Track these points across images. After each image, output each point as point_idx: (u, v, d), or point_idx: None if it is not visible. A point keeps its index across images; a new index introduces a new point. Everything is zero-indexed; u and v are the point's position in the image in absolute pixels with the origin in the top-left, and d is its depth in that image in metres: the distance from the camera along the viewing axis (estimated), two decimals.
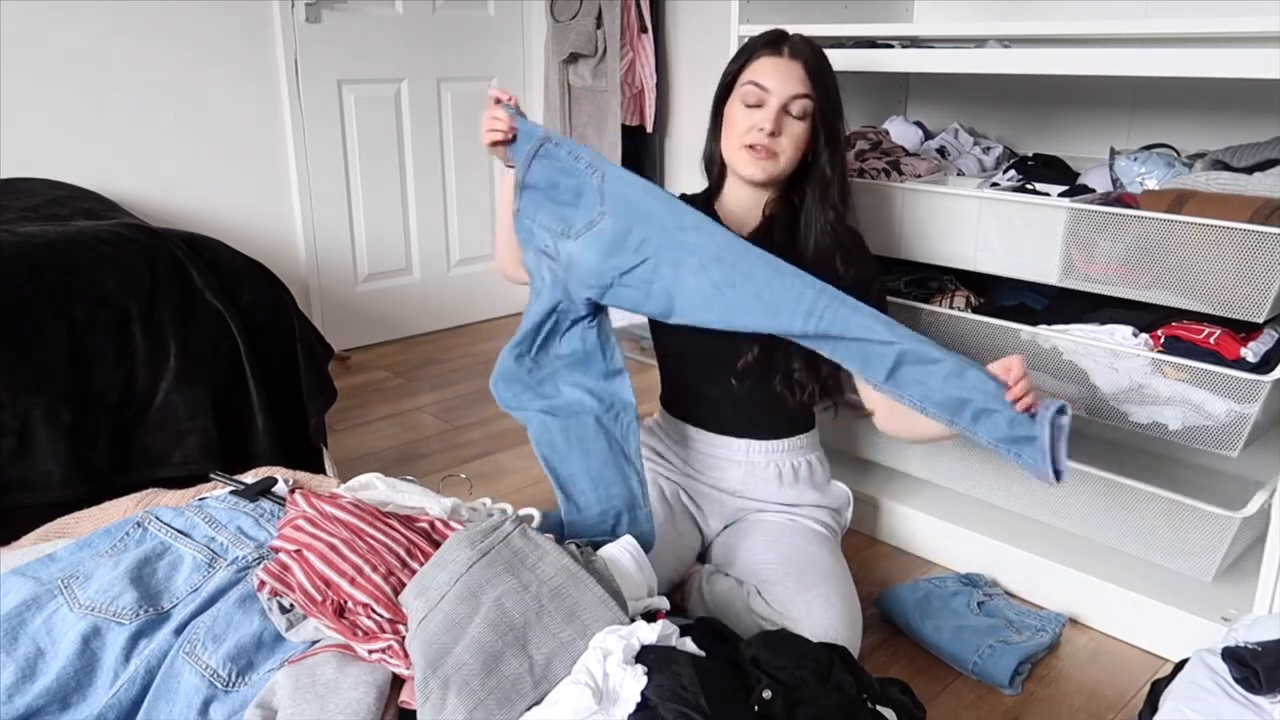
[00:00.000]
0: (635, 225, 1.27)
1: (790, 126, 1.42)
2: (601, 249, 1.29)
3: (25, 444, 1.49)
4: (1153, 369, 1.46)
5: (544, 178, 1.32)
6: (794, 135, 1.43)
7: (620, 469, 1.36)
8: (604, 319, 1.41)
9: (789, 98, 1.40)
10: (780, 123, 1.41)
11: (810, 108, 1.41)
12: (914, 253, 1.72)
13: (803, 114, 1.41)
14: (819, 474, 1.62)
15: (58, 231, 1.64)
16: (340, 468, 1.83)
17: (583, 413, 1.37)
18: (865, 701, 1.00)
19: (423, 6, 3.05)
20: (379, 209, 3.11)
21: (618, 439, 1.38)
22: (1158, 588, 1.57)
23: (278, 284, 1.78)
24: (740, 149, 1.44)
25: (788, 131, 1.42)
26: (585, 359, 1.40)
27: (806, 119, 1.42)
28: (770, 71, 1.42)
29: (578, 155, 1.31)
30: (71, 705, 1.03)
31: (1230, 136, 1.69)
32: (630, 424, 1.39)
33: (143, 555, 1.16)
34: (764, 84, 1.41)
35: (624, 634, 0.94)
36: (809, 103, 1.41)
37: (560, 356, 1.40)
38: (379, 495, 1.29)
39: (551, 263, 1.35)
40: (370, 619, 1.03)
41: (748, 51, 1.46)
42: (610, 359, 1.40)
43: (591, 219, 1.29)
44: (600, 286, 1.32)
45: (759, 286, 1.22)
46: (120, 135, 2.55)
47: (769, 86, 1.41)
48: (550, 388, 1.40)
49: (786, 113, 1.41)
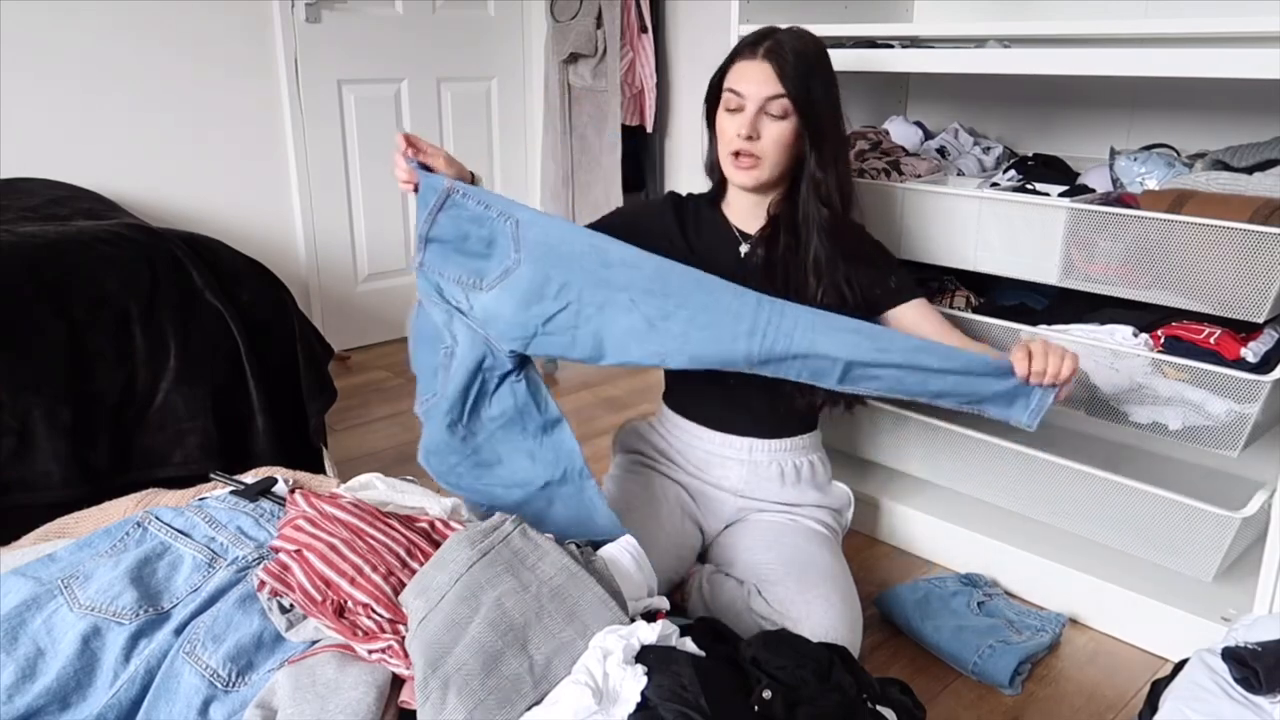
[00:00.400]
0: (554, 270, 1.23)
1: (770, 128, 1.40)
2: (519, 298, 1.25)
3: (25, 444, 1.49)
4: (1153, 369, 1.46)
5: (452, 230, 1.26)
6: (775, 137, 1.40)
7: (586, 526, 1.33)
8: (530, 370, 1.35)
9: (764, 100, 1.38)
10: (758, 125, 1.39)
11: (788, 107, 1.39)
12: (914, 253, 1.72)
13: (783, 113, 1.39)
14: (820, 474, 1.62)
15: (58, 231, 1.64)
16: (340, 468, 1.83)
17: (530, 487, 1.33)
18: (865, 701, 1.00)
19: (423, 6, 3.05)
20: (379, 209, 3.11)
21: (574, 497, 1.35)
22: (1158, 588, 1.57)
23: (278, 284, 1.78)
24: (727, 156, 1.44)
25: (768, 133, 1.40)
26: (519, 415, 1.34)
27: (789, 118, 1.40)
28: (744, 75, 1.40)
29: (488, 204, 1.25)
30: (71, 705, 1.03)
31: (1230, 136, 1.69)
32: (581, 472, 1.34)
33: (143, 555, 1.16)
34: (739, 89, 1.40)
35: (624, 634, 0.94)
36: (786, 102, 1.38)
37: (493, 419, 1.35)
38: (379, 495, 1.29)
39: (464, 319, 1.30)
40: (370, 619, 1.03)
41: (730, 56, 1.45)
42: (545, 410, 1.35)
43: (506, 268, 1.24)
44: (524, 338, 1.27)
45: (694, 312, 1.20)
46: (120, 135, 2.55)
47: (744, 91, 1.40)
48: (489, 453, 1.35)
49: (767, 114, 1.39)
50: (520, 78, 3.36)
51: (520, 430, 1.36)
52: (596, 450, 2.36)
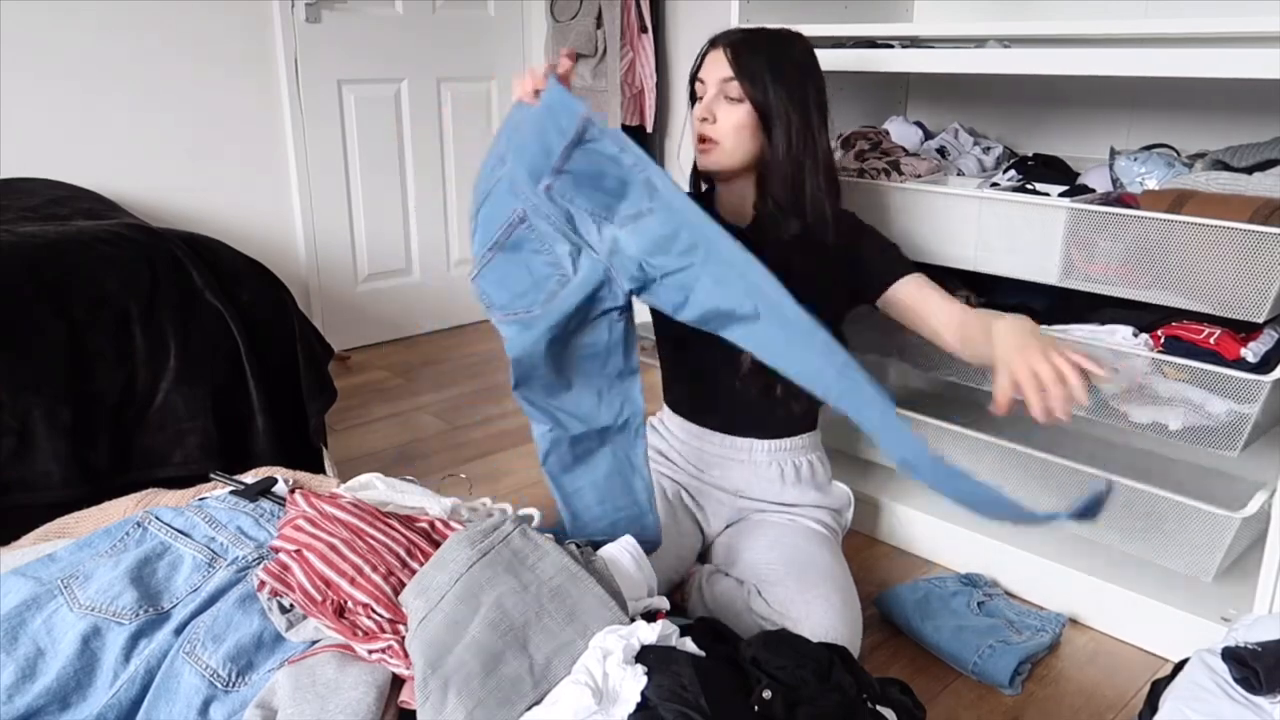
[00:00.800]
0: (684, 230, 1.20)
1: (725, 110, 1.43)
2: (646, 244, 1.21)
3: (25, 444, 1.49)
4: (1153, 369, 1.46)
5: (586, 165, 1.21)
6: (732, 120, 1.42)
7: (627, 482, 1.34)
8: (631, 315, 1.33)
9: (719, 83, 1.43)
10: (713, 109, 1.43)
11: (740, 91, 1.41)
12: (914, 253, 1.72)
13: (739, 97, 1.42)
14: (820, 474, 1.62)
15: (58, 231, 1.64)
16: (340, 468, 1.83)
17: (590, 425, 1.34)
18: (865, 701, 1.00)
19: (423, 6, 3.05)
20: (379, 209, 3.11)
21: (624, 450, 1.35)
22: (1158, 588, 1.57)
23: (278, 284, 1.78)
24: (695, 145, 1.48)
25: (723, 116, 1.43)
26: (605, 352, 1.33)
27: (744, 102, 1.42)
28: (706, 65, 1.46)
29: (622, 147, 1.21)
30: (71, 705, 1.03)
31: (1230, 136, 1.69)
32: (638, 429, 1.35)
33: (143, 555, 1.16)
34: (702, 77, 1.46)
35: (624, 634, 0.94)
36: (735, 85, 1.41)
37: (582, 345, 1.33)
38: (379, 495, 1.29)
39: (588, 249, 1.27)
40: (370, 619, 1.03)
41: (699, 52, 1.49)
42: (629, 358, 1.35)
43: (639, 210, 1.21)
44: (643, 280, 1.24)
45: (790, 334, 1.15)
46: (120, 135, 2.55)
47: (704, 77, 1.45)
48: (564, 376, 1.34)
49: (725, 97, 1.43)
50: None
51: (600, 367, 1.35)
52: None
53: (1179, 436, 1.47)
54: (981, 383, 1.69)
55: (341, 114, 2.95)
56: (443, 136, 3.21)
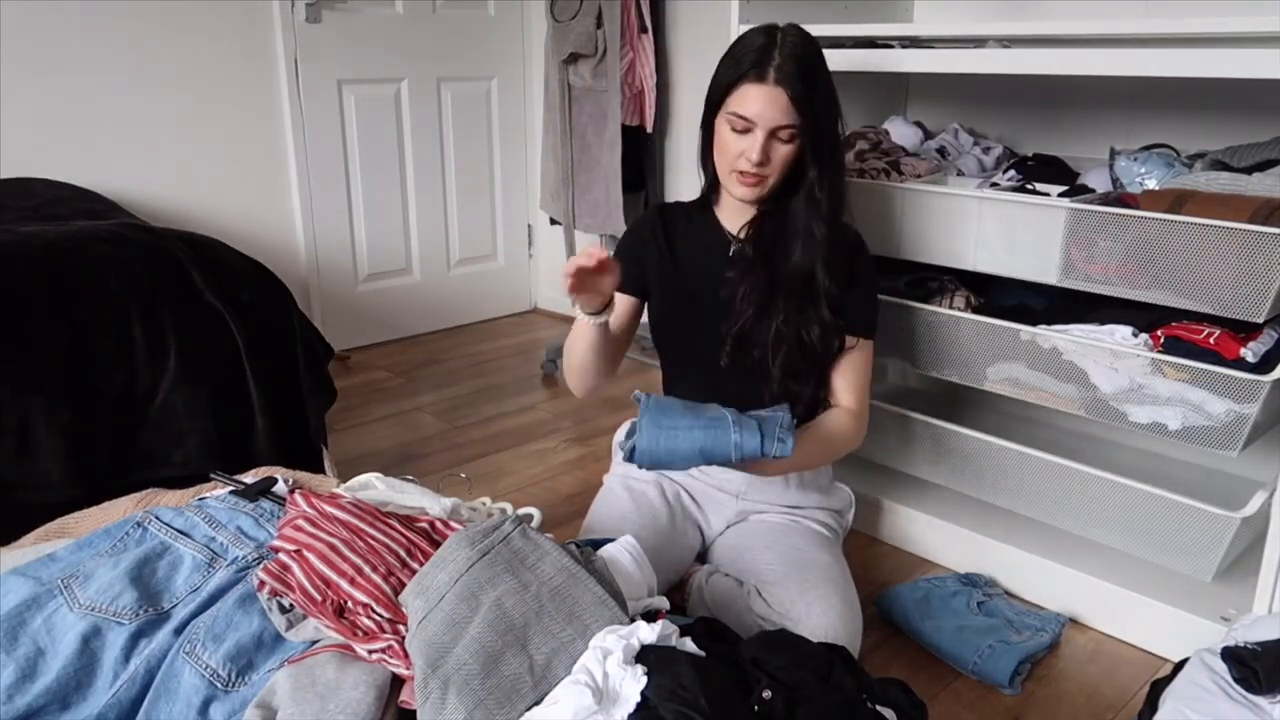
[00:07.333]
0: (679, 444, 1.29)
1: (777, 151, 1.39)
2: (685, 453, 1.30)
3: (25, 444, 1.49)
4: (1153, 369, 1.46)
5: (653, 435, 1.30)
6: (781, 157, 1.40)
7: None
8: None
9: (774, 128, 1.37)
10: (768, 151, 1.39)
11: (797, 132, 1.38)
12: (914, 253, 1.72)
13: (790, 139, 1.39)
14: (822, 476, 1.62)
15: (58, 231, 1.64)
16: (340, 468, 1.83)
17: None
18: (865, 701, 1.00)
19: (423, 6, 3.05)
20: (379, 209, 3.11)
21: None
22: (1158, 588, 1.57)
23: (278, 284, 1.78)
24: (730, 173, 1.43)
25: (775, 156, 1.40)
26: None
27: (794, 142, 1.40)
28: (754, 101, 1.36)
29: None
30: (71, 705, 1.03)
31: (1230, 136, 1.69)
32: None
33: (143, 555, 1.16)
34: (748, 115, 1.37)
35: (624, 634, 0.94)
36: (795, 130, 1.38)
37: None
38: (379, 495, 1.29)
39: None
40: (370, 619, 1.03)
41: (735, 72, 1.39)
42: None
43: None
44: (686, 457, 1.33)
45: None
46: (120, 135, 2.55)
47: (753, 118, 1.37)
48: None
49: (776, 139, 1.39)
50: (520, 78, 3.36)
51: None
52: (597, 450, 2.36)
53: (1179, 436, 1.47)
54: (981, 382, 1.69)
55: (341, 114, 2.95)
56: (443, 136, 3.21)
